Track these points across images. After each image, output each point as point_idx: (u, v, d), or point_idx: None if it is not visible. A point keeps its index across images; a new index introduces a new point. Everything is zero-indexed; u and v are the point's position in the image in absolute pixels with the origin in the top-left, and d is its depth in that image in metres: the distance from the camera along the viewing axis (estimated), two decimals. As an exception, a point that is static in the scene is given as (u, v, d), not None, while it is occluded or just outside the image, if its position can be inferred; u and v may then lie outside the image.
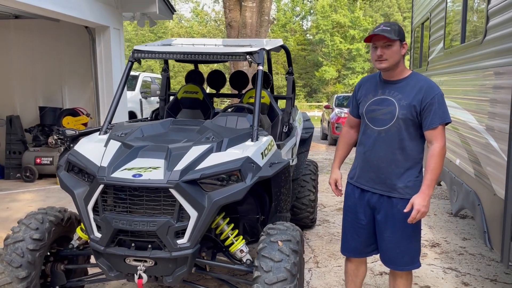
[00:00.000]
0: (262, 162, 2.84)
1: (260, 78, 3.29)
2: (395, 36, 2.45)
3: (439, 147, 2.44)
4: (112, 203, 2.62)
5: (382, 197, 2.62)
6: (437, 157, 2.43)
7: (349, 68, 39.70)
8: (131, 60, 3.52)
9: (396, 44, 2.47)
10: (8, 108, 7.65)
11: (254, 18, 13.08)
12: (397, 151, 2.55)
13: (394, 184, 2.56)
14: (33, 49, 7.60)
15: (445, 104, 2.46)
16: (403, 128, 2.52)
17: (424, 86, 2.49)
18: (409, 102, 2.49)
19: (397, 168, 2.56)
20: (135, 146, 2.79)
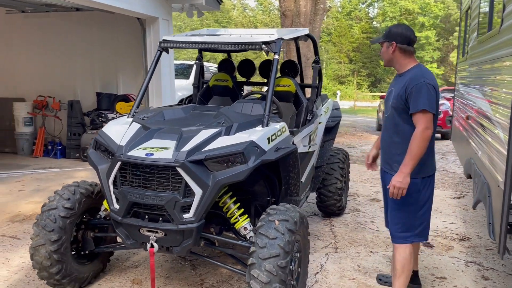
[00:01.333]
0: (268, 147, 3.00)
1: (275, 67, 3.43)
2: (382, 39, 2.98)
3: (418, 131, 2.73)
4: (128, 178, 2.93)
5: (386, 174, 3.06)
6: (416, 140, 2.73)
7: (417, 57, 37.39)
8: (159, 49, 3.80)
9: (384, 45, 2.98)
10: (70, 93, 8.38)
11: (308, 7, 13.04)
12: (394, 135, 2.95)
13: (393, 163, 2.96)
14: (92, 39, 8.23)
15: (423, 93, 2.73)
16: (396, 115, 2.90)
17: (410, 77, 2.83)
18: (399, 92, 2.86)
19: (395, 149, 2.94)
20: (151, 128, 3.07)
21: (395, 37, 2.91)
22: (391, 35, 2.94)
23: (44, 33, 8.46)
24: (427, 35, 37.35)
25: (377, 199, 6.05)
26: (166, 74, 7.28)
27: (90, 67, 8.37)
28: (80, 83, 8.47)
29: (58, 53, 8.44)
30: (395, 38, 2.91)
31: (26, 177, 6.66)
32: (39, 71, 8.57)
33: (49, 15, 8.23)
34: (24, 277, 3.53)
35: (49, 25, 8.41)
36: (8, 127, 8.43)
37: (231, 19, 44.18)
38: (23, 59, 8.61)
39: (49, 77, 8.51)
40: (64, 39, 8.39)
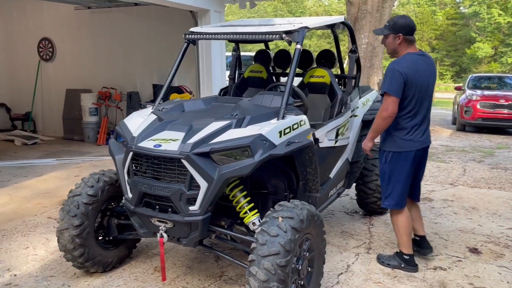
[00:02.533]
0: (279, 141, 2.89)
1: (296, 58, 3.29)
2: (387, 31, 3.30)
3: (379, 110, 3.31)
4: (140, 169, 2.98)
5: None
6: (376, 117, 3.34)
7: (509, 44, 34.62)
8: (185, 41, 3.82)
9: (389, 36, 3.31)
10: (130, 85, 8.80)
11: (376, -7, 12.43)
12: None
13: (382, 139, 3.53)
14: (149, 32, 8.54)
15: (387, 77, 3.19)
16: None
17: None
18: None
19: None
20: (165, 119, 3.10)
21: (401, 29, 3.24)
22: (397, 27, 3.25)
23: (108, 28, 8.94)
24: (519, 21, 33.90)
25: (430, 198, 5.64)
26: (217, 65, 7.35)
27: (148, 60, 8.71)
28: (139, 75, 8.86)
29: (120, 46, 8.89)
30: (401, 30, 3.24)
31: (85, 163, 7.13)
32: (104, 63, 9.09)
33: (112, 10, 8.68)
34: (58, 258, 3.77)
35: (112, 20, 8.87)
36: (77, 117, 9.08)
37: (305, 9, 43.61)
38: (91, 53, 9.19)
39: (112, 70, 9.00)
40: (125, 33, 8.81)
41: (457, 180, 6.64)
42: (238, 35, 3.47)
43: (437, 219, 4.88)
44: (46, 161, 7.20)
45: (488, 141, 10.73)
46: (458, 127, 12.60)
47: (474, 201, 5.53)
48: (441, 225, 4.69)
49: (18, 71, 10.00)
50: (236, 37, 3.49)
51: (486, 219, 4.90)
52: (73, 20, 9.20)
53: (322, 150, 3.57)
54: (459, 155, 8.70)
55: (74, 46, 9.35)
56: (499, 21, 35.11)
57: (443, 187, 6.21)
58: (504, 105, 11.57)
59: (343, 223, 4.71)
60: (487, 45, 35.43)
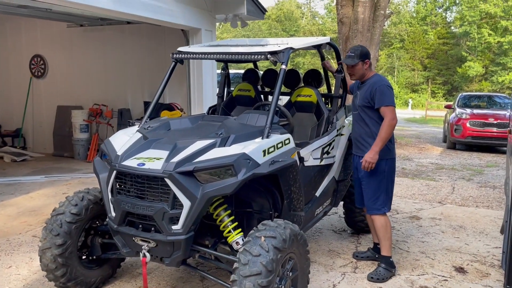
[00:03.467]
0: (262, 160, 2.91)
1: (281, 78, 3.33)
2: (357, 60, 3.73)
3: (387, 121, 3.60)
4: (123, 187, 2.98)
5: (358, 157, 3.89)
6: (385, 127, 3.60)
7: (499, 63, 35.21)
8: (173, 60, 3.85)
9: (358, 64, 3.75)
10: (121, 102, 8.82)
11: (366, 13, 12.61)
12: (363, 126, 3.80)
13: (363, 146, 3.81)
14: (141, 50, 8.61)
15: (385, 93, 3.61)
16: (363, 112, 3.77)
17: (372, 82, 3.73)
18: (364, 94, 3.73)
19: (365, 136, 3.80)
20: (150, 138, 3.11)
21: (366, 56, 3.76)
22: (363, 54, 3.74)
23: (100, 46, 8.99)
24: (511, 40, 34.57)
25: (417, 216, 5.65)
26: (208, 83, 7.40)
27: (139, 77, 8.76)
28: (131, 92, 8.89)
29: (112, 64, 8.93)
30: (366, 56, 3.76)
31: (74, 180, 7.09)
32: (95, 80, 9.12)
33: (104, 28, 8.75)
34: (41, 278, 3.72)
35: (104, 38, 8.93)
36: (67, 133, 9.06)
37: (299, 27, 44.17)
38: (82, 70, 9.22)
39: (103, 87, 9.03)
40: (117, 51, 8.86)
41: (445, 198, 6.67)
42: (224, 55, 3.52)
43: (425, 237, 4.88)
44: (34, 178, 7.15)
45: (478, 159, 10.81)
46: (448, 145, 12.71)
47: (462, 220, 5.54)
48: (428, 244, 4.69)
49: (9, 88, 10.00)
50: (222, 57, 3.54)
51: (473, 237, 4.91)
52: (66, 37, 9.26)
53: (308, 168, 3.58)
54: (448, 173, 8.75)
55: (66, 63, 9.39)
56: (489, 41, 35.76)
57: (431, 205, 6.23)
58: (494, 123, 11.72)
59: (331, 241, 4.70)
60: (477, 64, 35.98)
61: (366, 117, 3.75)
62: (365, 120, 3.76)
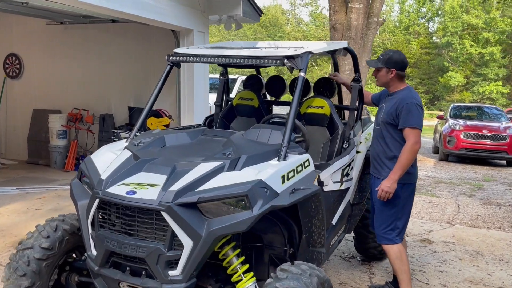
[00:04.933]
0: (281, 188, 2.37)
1: (299, 87, 2.82)
2: (381, 65, 3.31)
3: (409, 145, 3.16)
4: (108, 220, 2.40)
5: (374, 178, 3.48)
6: (406, 152, 3.16)
7: (480, 74, 35.73)
8: (168, 63, 3.30)
9: (383, 70, 3.32)
10: (103, 107, 8.17)
11: (360, 20, 12.30)
12: (383, 145, 3.37)
13: (381, 168, 3.39)
14: (127, 51, 8.00)
15: (413, 112, 3.16)
16: (385, 129, 3.33)
17: (400, 97, 3.26)
18: (389, 109, 3.29)
19: (384, 157, 3.37)
20: (142, 158, 2.54)
21: (395, 64, 3.26)
22: (391, 61, 3.27)
23: (81, 45, 8.35)
24: (492, 52, 35.11)
25: (429, 240, 5.19)
26: (200, 88, 6.85)
27: (124, 80, 8.14)
28: (114, 97, 8.25)
29: (95, 65, 8.29)
30: (394, 65, 3.27)
31: (49, 193, 6.40)
32: (76, 83, 8.45)
33: (87, 26, 8.11)
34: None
35: (87, 37, 8.29)
36: (43, 139, 8.35)
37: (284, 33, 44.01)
38: (62, 71, 8.53)
39: (85, 90, 8.37)
40: (100, 52, 8.23)
41: (453, 218, 6.25)
42: (232, 58, 2.98)
43: (442, 266, 4.42)
44: (5, 190, 6.43)
45: (473, 172, 10.55)
46: (441, 157, 12.42)
47: (477, 244, 5.11)
48: (448, 274, 4.23)
49: (-20, 88, 9.23)
50: (229, 61, 3.00)
51: (493, 266, 4.48)
52: (44, 35, 8.56)
53: (327, 194, 3.06)
54: (448, 188, 8.40)
55: (44, 64, 8.68)
56: (471, 52, 36.18)
57: (440, 226, 5.80)
58: (487, 135, 11.55)
59: (341, 271, 4.18)
60: (459, 74, 36.37)
61: (387, 136, 3.33)
62: (385, 139, 3.34)
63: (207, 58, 3.06)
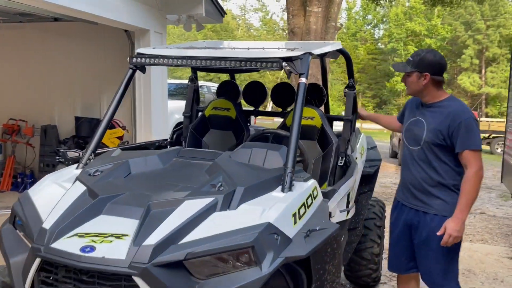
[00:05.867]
0: (294, 230, 1.81)
1: (301, 95, 2.28)
2: (411, 68, 2.62)
3: (471, 172, 2.51)
4: (54, 287, 1.70)
5: (417, 213, 2.72)
6: (470, 182, 2.50)
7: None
8: (131, 67, 2.64)
9: (413, 75, 2.63)
10: (45, 117, 7.22)
11: (319, 24, 12.08)
12: (429, 171, 2.64)
13: (429, 201, 2.66)
14: (72, 54, 7.14)
15: (473, 131, 2.53)
16: (431, 150, 2.62)
17: (452, 111, 2.56)
18: (436, 126, 2.58)
19: (431, 187, 2.65)
20: (101, 195, 1.86)
21: (429, 68, 2.60)
22: (425, 64, 2.60)
23: (18, 47, 7.35)
24: (434, 57, 36.75)
25: (416, 258, 4.79)
26: (157, 94, 6.15)
27: (70, 87, 7.24)
28: (58, 106, 7.32)
29: (34, 70, 7.33)
30: (428, 68, 2.60)
31: (-20, 221, 5.42)
32: (12, 90, 7.42)
33: (25, 26, 7.14)
34: None
35: (25, 38, 7.30)
36: (-26, 155, 7.27)
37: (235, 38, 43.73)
38: (-5, 77, 7.50)
39: (23, 98, 7.36)
40: (41, 54, 7.28)
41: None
42: (216, 61, 2.36)
43: (438, 290, 4.01)
44: None
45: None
46: (400, 161, 12.37)
47: (466, 261, 4.79)
48: (448, 300, 3.81)
49: None
50: (211, 64, 2.37)
51: (489, 286, 4.15)
52: (-27, 36, 7.49)
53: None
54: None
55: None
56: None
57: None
58: None
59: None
60: (404, 79, 37.74)
61: (433, 159, 2.63)
62: (432, 163, 2.63)
63: (183, 61, 2.42)
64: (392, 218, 2.91)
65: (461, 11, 37.14)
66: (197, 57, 2.38)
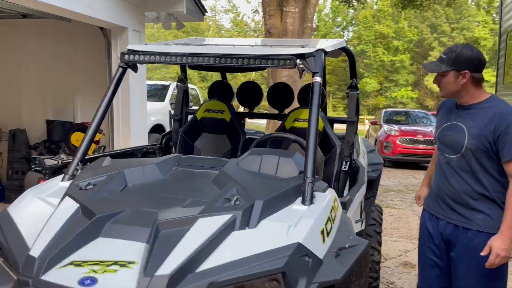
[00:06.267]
0: (323, 250, 1.60)
1: (317, 97, 2.07)
2: (447, 66, 2.34)
3: None
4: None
5: (457, 228, 2.43)
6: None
7: (392, 80, 38.13)
8: (121, 65, 2.36)
9: (450, 74, 2.35)
10: (13, 120, 6.74)
11: (296, 25, 12.04)
12: (472, 182, 2.36)
13: (471, 215, 2.38)
14: (43, 53, 6.72)
15: None
16: (474, 159, 2.33)
17: (497, 113, 2.28)
18: (479, 131, 2.30)
19: (473, 200, 2.37)
20: (98, 214, 1.59)
21: (468, 64, 2.31)
22: (462, 61, 2.32)
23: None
24: (402, 59, 37.72)
25: (410, 263, 4.71)
26: (136, 95, 5.83)
27: (40, 88, 6.80)
28: (27, 108, 6.87)
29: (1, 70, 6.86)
30: (468, 65, 2.31)
31: None
32: (-24, 92, 6.94)
33: (-11, 23, 6.68)
34: None
35: (-11, 36, 6.85)
36: None
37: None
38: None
39: (-13, 100, 6.89)
40: (8, 53, 6.81)
41: (421, 232, 5.91)
42: (225, 59, 2.11)
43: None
44: None
45: (413, 178, 10.64)
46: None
47: None
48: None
49: None
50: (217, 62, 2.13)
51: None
52: None
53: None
54: (399, 197, 8.23)
55: None
56: (383, 59, 38.30)
57: (413, 244, 5.38)
58: (421, 140, 11.88)
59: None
60: (373, 80, 38.39)
61: (478, 168, 2.34)
62: (476, 173, 2.34)
63: (183, 58, 2.16)
64: (424, 231, 2.61)
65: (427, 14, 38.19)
66: (202, 55, 2.13)
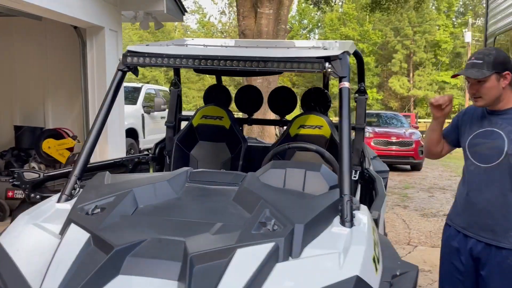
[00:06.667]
0: (377, 280, 1.42)
1: (346, 103, 1.89)
2: (488, 71, 2.12)
3: None
4: None
5: (489, 246, 2.23)
6: None
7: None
8: (121, 68, 2.10)
9: (491, 78, 2.13)
10: (-23, 127, 6.33)
11: (270, 26, 11.92)
12: (510, 193, 2.15)
13: (505, 232, 2.18)
14: (11, 54, 6.32)
15: None
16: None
17: None
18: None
19: (510, 213, 2.17)
20: (116, 246, 1.34)
21: (508, 66, 2.16)
22: (501, 63, 2.14)
23: None
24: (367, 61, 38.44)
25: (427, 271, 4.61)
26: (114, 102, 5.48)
27: (8, 92, 6.40)
28: (-8, 113, 6.44)
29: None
30: (507, 67, 2.16)
31: None
32: None
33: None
34: None
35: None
36: None
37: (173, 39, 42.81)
38: None
39: None
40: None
41: (409, 237, 5.88)
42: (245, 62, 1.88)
43: (437, 305, 3.81)
44: None
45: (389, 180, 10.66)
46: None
47: None
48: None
49: None
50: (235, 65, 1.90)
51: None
52: None
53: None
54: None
55: None
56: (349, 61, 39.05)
57: (403, 249, 5.34)
58: (395, 142, 12.02)
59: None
60: (339, 82, 39.07)
61: None
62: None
63: (195, 61, 1.92)
64: (448, 248, 2.40)
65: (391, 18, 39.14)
66: (219, 57, 1.89)
